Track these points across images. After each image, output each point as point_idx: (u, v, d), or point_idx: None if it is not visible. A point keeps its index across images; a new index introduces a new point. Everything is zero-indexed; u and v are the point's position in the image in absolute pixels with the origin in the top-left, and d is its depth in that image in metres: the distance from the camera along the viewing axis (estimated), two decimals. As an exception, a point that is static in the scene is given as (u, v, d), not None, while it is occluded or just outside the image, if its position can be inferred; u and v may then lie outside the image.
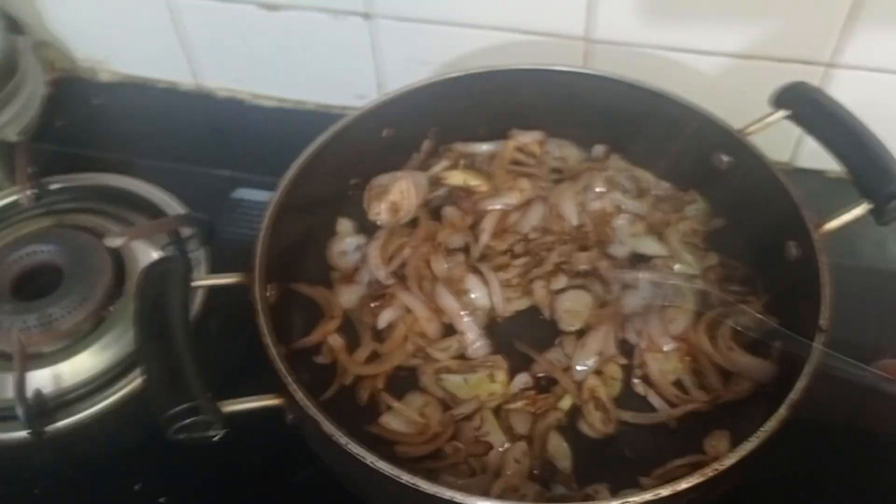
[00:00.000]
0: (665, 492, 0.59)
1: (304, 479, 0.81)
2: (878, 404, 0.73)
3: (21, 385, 0.80)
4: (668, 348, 0.81)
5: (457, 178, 0.97)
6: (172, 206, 1.00)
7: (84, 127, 1.21)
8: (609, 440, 0.77)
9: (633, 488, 0.69)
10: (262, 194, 1.04)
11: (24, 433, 0.80)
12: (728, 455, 0.62)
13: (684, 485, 0.60)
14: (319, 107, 1.21)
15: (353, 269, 0.90)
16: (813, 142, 0.82)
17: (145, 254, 0.93)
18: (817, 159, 0.93)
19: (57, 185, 1.03)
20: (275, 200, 0.80)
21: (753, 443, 0.62)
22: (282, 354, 0.69)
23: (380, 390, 0.80)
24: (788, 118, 0.84)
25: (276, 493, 0.80)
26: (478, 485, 0.73)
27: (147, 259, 0.92)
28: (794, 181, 0.79)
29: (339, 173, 0.92)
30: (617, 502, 0.59)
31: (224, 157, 1.13)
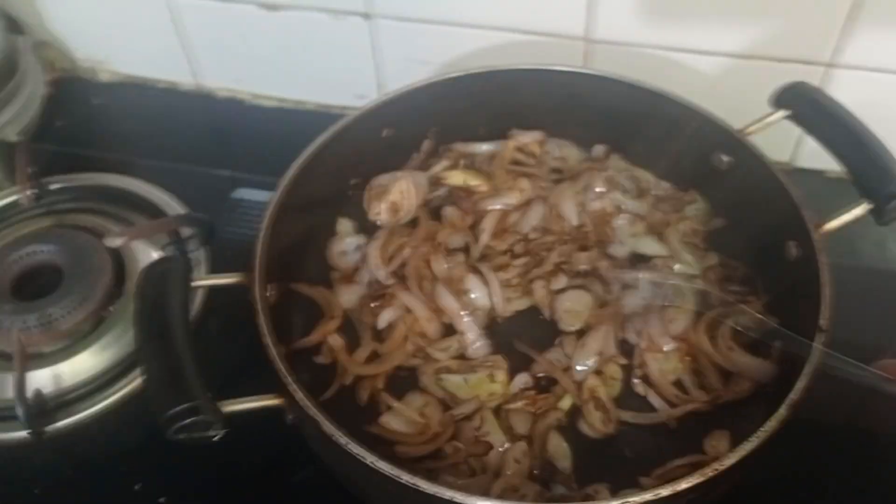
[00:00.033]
0: (665, 492, 0.59)
1: (304, 479, 0.81)
2: (878, 404, 0.73)
3: (21, 385, 0.80)
4: (668, 348, 0.81)
5: (457, 178, 0.97)
6: (172, 206, 1.00)
7: (84, 127, 1.21)
8: (609, 440, 0.77)
9: (633, 488, 0.69)
10: (262, 194, 1.04)
11: (24, 433, 0.80)
12: (728, 455, 0.62)
13: (684, 485, 0.60)
14: (319, 107, 1.21)
15: (353, 269, 0.90)
16: (813, 142, 0.82)
17: (145, 254, 0.93)
18: (817, 159, 0.93)
19: (57, 185, 1.03)
20: (275, 200, 0.80)
21: (753, 443, 0.62)
22: (282, 354, 0.69)
23: (380, 390, 0.80)
24: (788, 118, 0.84)
25: (276, 493, 0.80)
26: (478, 485, 0.73)
27: (147, 259, 0.92)
28: (794, 181, 0.79)
29: (339, 173, 0.92)
30: (617, 502, 0.59)
31: (224, 157, 1.13)
